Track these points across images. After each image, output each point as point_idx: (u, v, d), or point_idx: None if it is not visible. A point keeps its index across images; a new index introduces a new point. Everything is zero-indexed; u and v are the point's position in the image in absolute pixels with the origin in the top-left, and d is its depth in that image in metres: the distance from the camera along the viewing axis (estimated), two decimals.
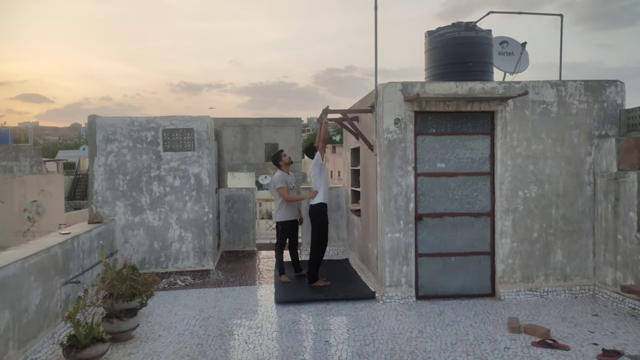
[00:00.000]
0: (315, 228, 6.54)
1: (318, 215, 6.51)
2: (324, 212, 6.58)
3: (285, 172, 6.90)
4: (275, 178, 6.89)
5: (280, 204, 6.81)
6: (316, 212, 6.51)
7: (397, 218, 5.71)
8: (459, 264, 5.82)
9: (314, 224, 6.54)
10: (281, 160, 6.83)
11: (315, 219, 6.51)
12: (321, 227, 6.57)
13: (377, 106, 5.91)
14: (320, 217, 6.52)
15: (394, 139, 5.69)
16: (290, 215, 6.83)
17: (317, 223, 6.52)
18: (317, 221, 6.51)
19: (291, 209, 6.84)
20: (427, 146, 5.79)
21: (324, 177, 6.55)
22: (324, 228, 6.60)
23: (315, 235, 6.56)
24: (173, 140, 7.01)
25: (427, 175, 5.80)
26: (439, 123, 5.80)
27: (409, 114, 5.69)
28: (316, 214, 6.51)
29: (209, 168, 7.07)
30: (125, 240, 6.94)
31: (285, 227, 6.83)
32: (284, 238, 6.86)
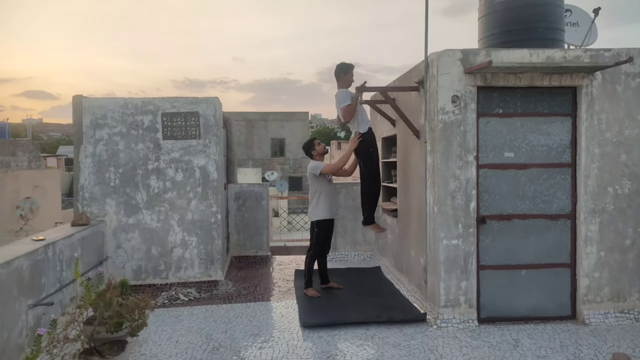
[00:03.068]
0: (367, 163, 5.66)
1: (367, 141, 5.58)
2: (372, 138, 5.64)
3: (320, 162, 5.76)
4: (311, 165, 5.74)
5: (317, 199, 5.63)
6: (366, 138, 5.57)
7: (454, 221, 4.54)
8: (530, 279, 4.65)
9: (365, 156, 5.62)
10: (314, 150, 5.72)
11: (364, 149, 5.57)
12: (373, 158, 5.68)
13: (427, 81, 4.74)
14: (368, 145, 5.59)
15: (451, 122, 4.52)
16: (330, 212, 5.68)
17: (368, 154, 5.61)
18: (366, 151, 5.59)
19: (330, 204, 5.69)
20: (491, 130, 4.61)
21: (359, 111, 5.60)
22: (374, 160, 5.69)
23: (369, 167, 5.64)
24: (174, 125, 5.86)
25: (491, 167, 4.62)
26: (507, 101, 4.62)
27: (470, 90, 4.52)
28: (366, 141, 5.57)
29: (217, 159, 5.92)
30: (117, 245, 5.80)
31: (323, 228, 5.65)
32: (322, 241, 5.69)
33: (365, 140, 5.53)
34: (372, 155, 5.60)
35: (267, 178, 28.91)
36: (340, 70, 5.49)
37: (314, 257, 5.71)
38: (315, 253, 5.71)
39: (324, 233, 5.71)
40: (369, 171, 5.64)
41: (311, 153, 5.72)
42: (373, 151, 5.57)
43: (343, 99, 5.35)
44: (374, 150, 5.57)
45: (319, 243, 5.71)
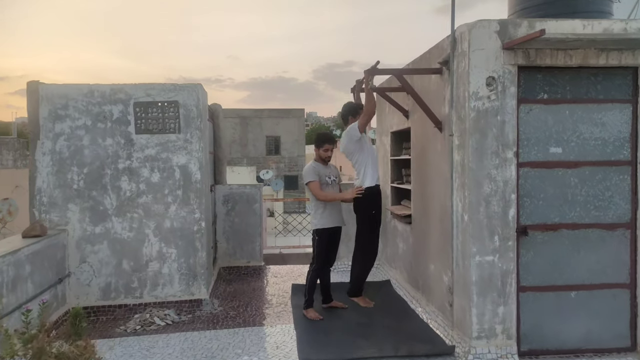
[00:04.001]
0: (365, 223, 4.71)
1: (369, 202, 4.68)
2: (377, 198, 4.74)
3: (321, 162, 4.88)
4: (304, 170, 4.89)
5: (316, 205, 4.81)
6: (366, 199, 4.66)
7: (489, 232, 3.68)
8: (581, 302, 3.80)
9: (364, 214, 4.71)
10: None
11: (366, 208, 4.70)
12: (373, 222, 4.77)
13: (455, 60, 3.87)
14: (371, 205, 4.71)
15: (485, 110, 3.65)
16: (333, 219, 4.82)
17: (369, 215, 4.71)
18: (368, 212, 4.70)
19: (334, 211, 4.83)
20: (534, 120, 3.75)
21: (367, 152, 4.69)
22: (375, 223, 4.78)
23: (365, 231, 4.69)
24: (150, 117, 4.96)
25: (534, 166, 3.76)
26: (554, 85, 3.76)
27: (510, 71, 3.65)
28: (366, 202, 4.67)
29: (201, 157, 5.03)
30: (82, 259, 4.90)
31: (325, 238, 4.80)
32: (325, 253, 4.83)
33: (369, 199, 4.66)
34: (375, 217, 4.74)
35: (262, 177, 27.96)
36: (348, 113, 4.76)
37: (317, 272, 4.85)
38: (318, 267, 4.85)
39: (325, 244, 4.85)
40: (366, 237, 4.76)
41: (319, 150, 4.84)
42: (376, 213, 4.69)
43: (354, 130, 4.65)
44: (377, 212, 4.68)
45: (319, 255, 4.86)
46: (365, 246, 4.78)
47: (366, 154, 4.63)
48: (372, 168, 4.67)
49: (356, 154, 4.65)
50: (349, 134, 4.62)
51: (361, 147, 4.62)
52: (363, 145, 4.64)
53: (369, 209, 4.71)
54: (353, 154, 4.68)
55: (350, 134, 4.61)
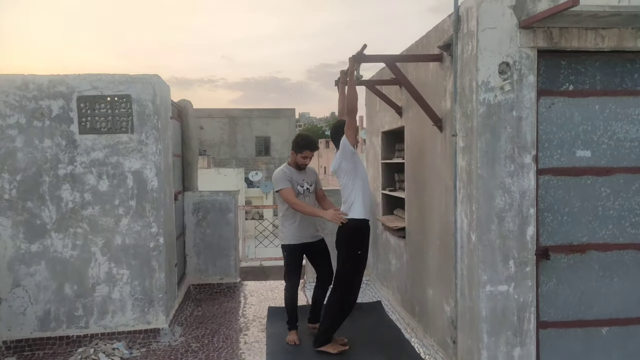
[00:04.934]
0: (347, 260, 3.82)
1: (354, 240, 3.82)
2: (365, 235, 3.87)
3: (294, 167, 4.18)
4: (274, 176, 4.19)
5: (284, 216, 4.18)
6: (352, 236, 3.82)
7: (502, 255, 2.96)
8: (614, 340, 3.09)
9: (347, 253, 3.83)
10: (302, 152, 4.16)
11: (350, 246, 3.81)
12: (357, 264, 3.86)
13: (459, 43, 3.15)
14: (357, 243, 3.82)
15: (497, 103, 2.93)
16: (304, 234, 4.18)
17: (353, 256, 3.80)
18: (352, 251, 3.80)
19: (306, 223, 4.16)
20: (557, 117, 3.04)
21: (360, 178, 3.81)
22: (359, 265, 3.88)
23: (345, 274, 3.83)
24: (97, 114, 4.19)
25: (557, 173, 3.05)
26: (581, 73, 3.05)
27: (528, 55, 2.94)
28: (351, 239, 3.82)
29: (159, 161, 4.26)
30: (14, 282, 4.12)
31: (294, 255, 4.18)
32: (294, 269, 4.22)
33: (354, 233, 3.79)
34: (360, 258, 3.84)
35: (251, 178, 27.17)
36: (339, 132, 3.87)
37: (290, 292, 4.19)
38: (289, 285, 4.17)
39: (295, 262, 4.21)
40: (347, 280, 3.82)
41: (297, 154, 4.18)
42: (361, 254, 3.82)
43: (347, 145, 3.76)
44: (362, 253, 3.82)
45: (289, 274, 4.23)
46: (344, 290, 3.86)
47: (359, 180, 3.78)
48: (363, 197, 3.79)
49: (348, 174, 3.78)
50: (342, 151, 3.79)
51: (354, 168, 3.76)
52: (357, 165, 3.78)
53: (353, 248, 3.79)
54: (344, 174, 3.80)
55: (344, 151, 3.76)
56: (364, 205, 3.80)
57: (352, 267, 3.83)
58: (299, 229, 4.12)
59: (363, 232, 3.84)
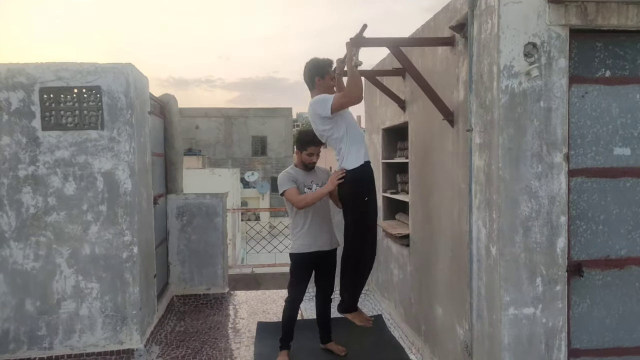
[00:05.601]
0: (356, 215, 3.33)
1: (357, 189, 3.31)
2: (367, 180, 3.34)
3: (301, 168, 3.73)
4: (279, 178, 3.74)
5: (294, 223, 3.71)
6: (353, 186, 3.31)
7: (528, 272, 2.50)
8: None
9: (353, 206, 3.34)
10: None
11: (354, 195, 3.32)
12: (366, 213, 3.32)
13: (475, 22, 2.69)
14: (361, 191, 3.30)
15: (522, 92, 2.47)
16: (315, 241, 3.67)
17: (360, 204, 3.30)
18: (358, 200, 3.30)
19: (317, 229, 3.66)
20: (592, 108, 2.58)
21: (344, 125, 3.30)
22: (369, 214, 3.35)
23: (357, 229, 3.33)
24: (62, 108, 3.72)
25: (592, 175, 2.59)
26: (621, 56, 2.59)
27: (558, 35, 2.48)
28: (354, 189, 3.31)
29: (133, 161, 3.79)
30: None
31: (301, 265, 3.69)
32: (300, 282, 3.72)
33: (358, 179, 3.29)
34: (369, 206, 3.33)
35: (247, 179, 26.69)
36: (314, 73, 3.36)
37: (291, 305, 3.72)
38: (291, 298, 3.70)
39: (301, 273, 3.72)
40: (359, 234, 3.33)
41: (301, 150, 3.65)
42: (368, 200, 3.30)
43: (324, 98, 3.23)
44: (369, 199, 3.31)
45: (292, 285, 3.76)
46: (357, 246, 3.37)
47: (343, 127, 3.27)
48: (354, 142, 3.29)
49: (329, 131, 3.30)
50: (314, 107, 3.26)
51: (336, 122, 3.26)
52: (337, 121, 3.27)
53: (358, 196, 3.28)
54: (323, 133, 3.34)
55: (316, 109, 3.24)
56: (357, 151, 3.28)
57: (362, 218, 3.30)
58: (309, 235, 3.62)
59: (364, 178, 3.31)
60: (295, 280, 3.73)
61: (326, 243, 3.70)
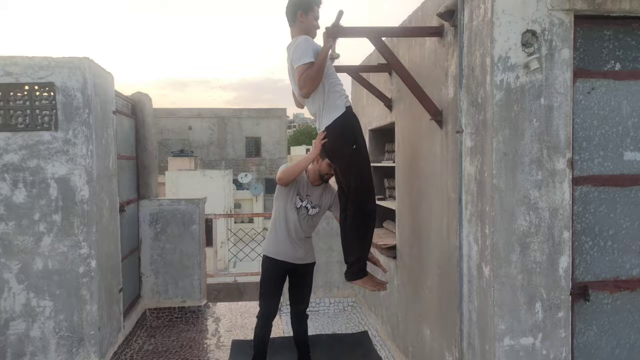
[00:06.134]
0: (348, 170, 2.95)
1: (345, 133, 2.92)
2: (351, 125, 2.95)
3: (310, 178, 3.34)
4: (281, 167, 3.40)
5: (272, 222, 3.39)
6: (340, 131, 2.92)
7: (527, 296, 2.16)
8: None
9: (341, 160, 2.98)
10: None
11: (340, 147, 2.94)
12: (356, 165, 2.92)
13: (465, 7, 2.35)
14: (349, 135, 2.92)
15: (520, 87, 2.13)
16: (286, 250, 3.34)
17: (349, 155, 2.91)
18: (347, 151, 2.91)
19: (289, 242, 3.33)
20: (599, 107, 2.24)
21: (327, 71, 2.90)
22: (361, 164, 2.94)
23: (350, 185, 2.94)
24: (11, 107, 3.36)
25: (599, 183, 2.25)
26: (633, 46, 2.25)
27: (561, 21, 2.14)
28: (342, 134, 2.92)
29: (92, 165, 3.44)
30: None
31: (271, 273, 3.36)
32: (271, 295, 3.37)
33: (339, 131, 2.90)
34: (356, 155, 2.91)
35: (240, 180, 26.31)
36: (298, 5, 2.99)
37: (261, 321, 3.36)
38: (260, 314, 3.36)
39: (271, 281, 3.37)
40: (355, 185, 2.92)
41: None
42: (357, 148, 2.91)
43: (301, 52, 2.81)
44: (358, 147, 2.92)
45: (261, 296, 3.40)
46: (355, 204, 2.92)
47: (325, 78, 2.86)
48: (332, 90, 2.89)
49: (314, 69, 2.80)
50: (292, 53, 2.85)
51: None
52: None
53: (346, 146, 2.87)
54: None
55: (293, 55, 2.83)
56: (337, 99, 2.90)
57: (354, 171, 2.90)
58: (281, 241, 3.30)
59: (347, 125, 2.91)
60: (265, 293, 3.39)
61: (299, 258, 3.36)
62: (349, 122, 2.92)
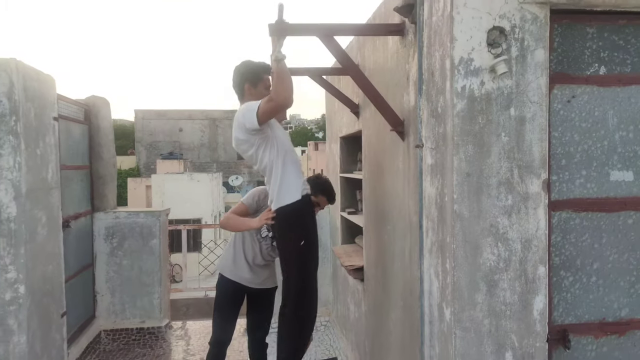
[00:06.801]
0: (291, 263, 2.63)
1: (292, 228, 2.59)
2: (303, 217, 2.61)
3: None
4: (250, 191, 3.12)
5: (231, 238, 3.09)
6: (286, 226, 2.60)
7: (494, 344, 1.81)
8: None
9: (289, 252, 2.63)
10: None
11: (289, 239, 2.61)
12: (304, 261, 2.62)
13: (424, 1, 2.00)
14: (296, 232, 2.59)
15: (485, 95, 1.78)
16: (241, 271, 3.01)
17: (297, 250, 2.58)
18: (294, 245, 2.58)
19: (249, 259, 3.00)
20: (581, 117, 1.89)
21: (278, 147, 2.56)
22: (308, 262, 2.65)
23: (294, 281, 2.62)
24: None
25: (581, 208, 1.90)
26: (620, 47, 1.91)
27: (534, 17, 1.79)
28: (287, 228, 2.60)
29: (20, 180, 3.07)
30: None
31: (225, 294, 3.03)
32: (225, 320, 3.03)
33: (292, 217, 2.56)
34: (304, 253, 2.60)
35: (231, 183, 25.91)
36: (244, 78, 2.63)
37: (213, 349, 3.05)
38: (212, 340, 3.06)
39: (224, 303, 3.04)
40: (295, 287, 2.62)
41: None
42: (306, 245, 2.57)
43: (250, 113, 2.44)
44: (307, 244, 2.58)
45: (214, 322, 3.08)
46: (291, 308, 2.66)
47: (275, 149, 2.52)
48: (288, 170, 2.54)
49: (258, 151, 2.52)
50: (239, 118, 2.51)
51: (265, 141, 2.52)
52: (267, 138, 2.52)
53: (294, 240, 2.57)
54: (252, 153, 2.55)
55: (241, 119, 2.48)
56: (295, 181, 2.56)
57: (299, 266, 2.58)
58: (238, 261, 2.99)
59: (301, 216, 2.58)
60: (217, 316, 3.05)
61: (258, 283, 3.03)
62: (302, 215, 2.58)
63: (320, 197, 2.98)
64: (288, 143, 2.63)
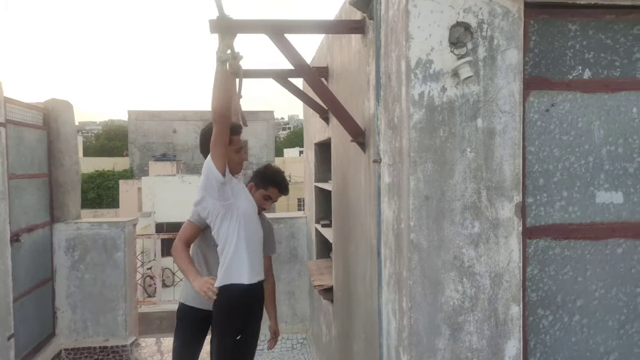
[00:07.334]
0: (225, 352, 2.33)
1: (231, 317, 2.32)
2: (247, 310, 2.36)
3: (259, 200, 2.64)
4: None
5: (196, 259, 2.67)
6: (226, 311, 2.32)
7: None
8: None
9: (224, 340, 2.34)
10: None
11: (227, 328, 2.33)
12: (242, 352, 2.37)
13: None
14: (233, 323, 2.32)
15: (448, 104, 1.50)
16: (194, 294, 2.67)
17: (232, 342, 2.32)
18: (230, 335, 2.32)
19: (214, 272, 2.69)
20: (561, 129, 1.61)
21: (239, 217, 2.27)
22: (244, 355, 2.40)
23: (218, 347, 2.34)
24: None
25: (560, 236, 1.62)
26: (607, 47, 1.63)
27: (505, 11, 1.51)
28: (227, 316, 2.33)
29: None
30: None
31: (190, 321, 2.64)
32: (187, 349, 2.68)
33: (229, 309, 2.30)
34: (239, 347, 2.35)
35: None
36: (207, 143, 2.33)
37: None
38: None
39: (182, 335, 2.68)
40: None
41: None
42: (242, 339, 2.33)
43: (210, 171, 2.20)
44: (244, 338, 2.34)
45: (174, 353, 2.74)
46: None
47: (237, 221, 2.26)
48: (248, 249, 2.29)
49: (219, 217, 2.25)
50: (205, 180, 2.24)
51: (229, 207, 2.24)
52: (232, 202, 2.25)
53: (230, 330, 2.33)
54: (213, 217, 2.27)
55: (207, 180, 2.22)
56: (248, 263, 2.28)
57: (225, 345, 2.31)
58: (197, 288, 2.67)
59: (240, 306, 2.32)
60: (178, 347, 2.73)
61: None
62: (244, 306, 2.32)
63: (271, 190, 2.65)
64: (248, 212, 2.32)
